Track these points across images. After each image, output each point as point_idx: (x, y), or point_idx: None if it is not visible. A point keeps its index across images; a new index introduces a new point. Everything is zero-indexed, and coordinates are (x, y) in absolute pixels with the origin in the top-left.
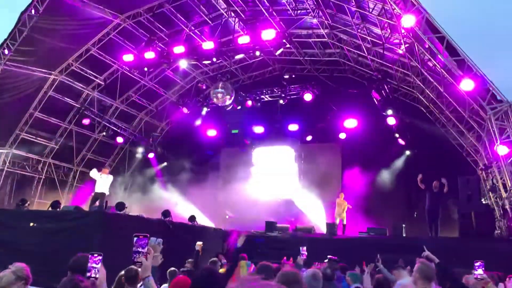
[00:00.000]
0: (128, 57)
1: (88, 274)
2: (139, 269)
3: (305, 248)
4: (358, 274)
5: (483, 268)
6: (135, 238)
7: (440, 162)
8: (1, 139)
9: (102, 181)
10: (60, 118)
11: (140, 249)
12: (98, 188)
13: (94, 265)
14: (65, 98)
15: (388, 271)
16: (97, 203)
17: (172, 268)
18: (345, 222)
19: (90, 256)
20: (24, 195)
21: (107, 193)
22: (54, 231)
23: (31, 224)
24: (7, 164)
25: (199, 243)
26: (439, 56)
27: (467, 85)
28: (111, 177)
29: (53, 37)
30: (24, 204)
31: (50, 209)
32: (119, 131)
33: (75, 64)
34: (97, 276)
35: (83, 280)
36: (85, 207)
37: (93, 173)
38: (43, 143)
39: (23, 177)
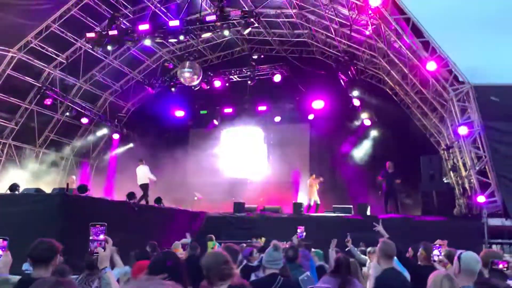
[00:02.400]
0: (91, 35)
1: None
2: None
3: (302, 227)
4: (321, 252)
5: (440, 250)
6: (91, 228)
7: (405, 142)
8: None
9: (140, 172)
10: (20, 97)
11: (96, 239)
12: (139, 181)
13: None
14: (25, 77)
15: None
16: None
17: (137, 251)
18: (319, 202)
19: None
20: None
21: (147, 182)
22: (14, 214)
23: None
24: None
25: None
26: (404, 37)
27: (431, 66)
28: (146, 168)
29: (9, 12)
30: None
31: (8, 192)
32: (83, 111)
33: (35, 41)
34: None
35: None
36: (48, 189)
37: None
38: (2, 123)
39: None
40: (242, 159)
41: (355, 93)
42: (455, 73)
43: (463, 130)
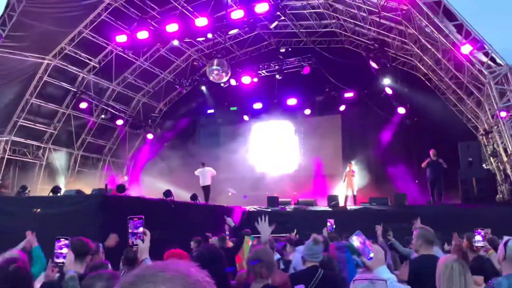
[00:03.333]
0: (121, 38)
1: (56, 260)
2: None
3: (332, 220)
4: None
5: (482, 236)
6: (129, 221)
7: (441, 129)
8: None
9: (202, 175)
10: (57, 103)
11: (135, 231)
12: (202, 182)
13: (60, 250)
14: (61, 83)
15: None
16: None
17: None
18: (355, 193)
19: (56, 241)
20: (27, 181)
21: (209, 183)
22: (56, 215)
23: (34, 210)
24: (8, 151)
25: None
26: (436, 21)
27: (465, 49)
28: (208, 169)
29: (43, 21)
30: (24, 191)
31: (51, 194)
32: (117, 113)
33: (68, 48)
34: (63, 261)
35: (16, 261)
36: (87, 190)
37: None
38: (42, 129)
39: (24, 164)
40: (274, 153)
41: (387, 81)
42: (492, 55)
43: (502, 114)
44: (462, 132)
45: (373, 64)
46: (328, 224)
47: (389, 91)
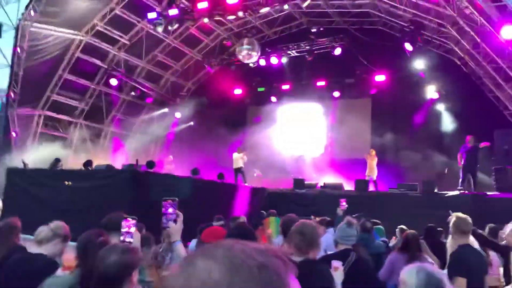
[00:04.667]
0: (152, 15)
1: (122, 238)
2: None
3: (344, 199)
4: (382, 228)
5: None
6: (163, 202)
7: (475, 116)
8: (33, 101)
9: (240, 159)
10: (89, 79)
11: (168, 213)
12: (236, 165)
13: (127, 229)
14: (92, 59)
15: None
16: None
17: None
18: (375, 178)
19: (123, 220)
20: (58, 155)
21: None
22: (88, 189)
23: (66, 182)
24: (40, 126)
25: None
26: (477, 1)
27: (507, 32)
28: (239, 155)
29: None
30: (57, 164)
31: (82, 168)
32: (146, 91)
33: (100, 24)
34: (131, 241)
35: (102, 234)
36: (117, 165)
37: (235, 155)
38: (73, 104)
39: (56, 138)
40: (301, 135)
41: (421, 64)
42: None
43: None
44: (498, 119)
45: (407, 47)
46: (341, 203)
47: (422, 75)
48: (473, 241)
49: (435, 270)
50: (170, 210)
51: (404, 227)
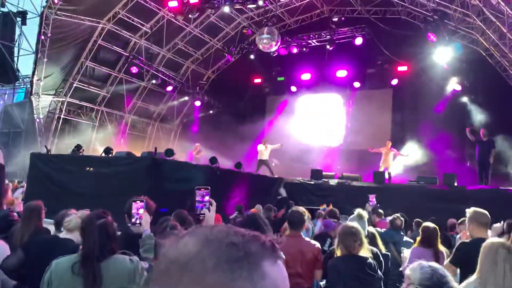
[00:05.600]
0: (173, 3)
1: (133, 220)
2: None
3: (374, 195)
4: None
5: None
6: (196, 191)
7: (499, 109)
8: (56, 87)
9: (264, 150)
10: (110, 66)
11: (202, 200)
12: (261, 156)
13: (137, 211)
14: (114, 47)
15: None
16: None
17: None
18: (390, 170)
19: (132, 202)
20: (80, 141)
21: (267, 158)
22: (108, 175)
23: (87, 168)
24: (63, 112)
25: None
26: None
27: None
28: (270, 147)
29: None
30: (79, 150)
31: (103, 154)
32: (167, 79)
33: (122, 12)
34: (141, 222)
35: (107, 214)
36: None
37: (259, 147)
38: (95, 91)
39: (78, 124)
40: (320, 126)
41: (444, 55)
42: None
43: None
44: None
45: (431, 37)
46: (370, 198)
47: (446, 66)
48: (494, 235)
49: (438, 266)
50: (203, 197)
51: (420, 220)
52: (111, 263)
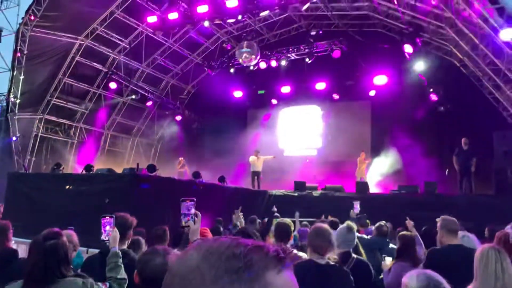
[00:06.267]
0: (152, 19)
1: (101, 237)
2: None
3: (358, 202)
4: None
5: None
6: (182, 203)
7: (475, 118)
8: (33, 105)
9: (257, 161)
10: (89, 82)
11: (187, 213)
12: (253, 168)
13: (103, 228)
14: (92, 63)
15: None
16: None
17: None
18: (366, 180)
19: (101, 218)
20: (59, 159)
21: (260, 170)
22: (89, 193)
23: (67, 186)
24: (41, 129)
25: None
26: (475, 4)
27: (506, 34)
28: (262, 158)
29: (77, 1)
30: (59, 168)
31: (84, 172)
32: (146, 94)
33: (100, 28)
34: (108, 238)
35: (61, 235)
36: (117, 169)
37: (251, 158)
38: (73, 108)
39: (57, 142)
40: (301, 138)
41: (420, 67)
42: None
43: None
44: (497, 121)
45: (407, 49)
46: (354, 206)
47: (421, 76)
48: (467, 239)
49: (434, 273)
50: (189, 209)
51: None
52: (59, 287)
